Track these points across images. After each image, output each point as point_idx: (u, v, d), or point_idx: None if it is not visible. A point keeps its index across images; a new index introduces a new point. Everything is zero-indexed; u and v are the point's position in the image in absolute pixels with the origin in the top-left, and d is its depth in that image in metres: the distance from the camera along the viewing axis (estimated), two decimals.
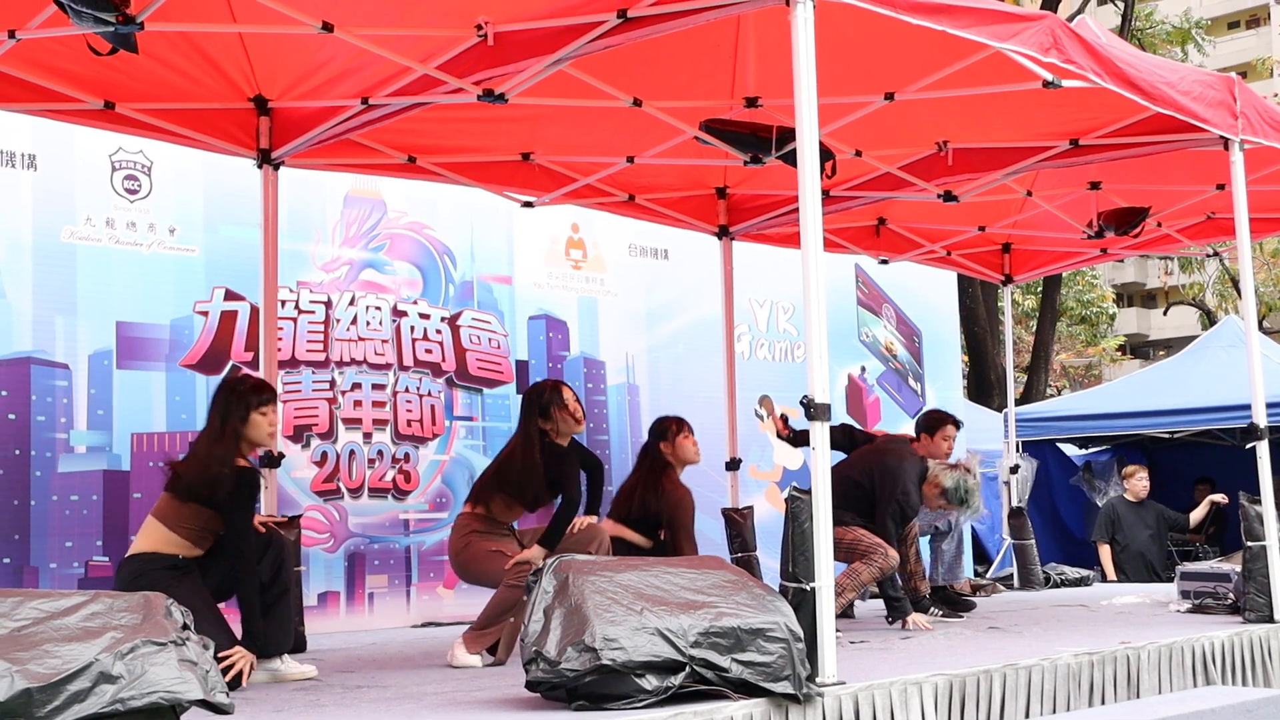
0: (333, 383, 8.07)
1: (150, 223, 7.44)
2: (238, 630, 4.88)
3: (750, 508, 8.14)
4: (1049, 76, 5.72)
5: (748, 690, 3.90)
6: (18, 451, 6.85)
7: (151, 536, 4.99)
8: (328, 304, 8.11)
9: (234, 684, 4.54)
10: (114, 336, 7.26)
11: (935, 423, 7.63)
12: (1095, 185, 8.45)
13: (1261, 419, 6.49)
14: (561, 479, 5.75)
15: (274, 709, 4.22)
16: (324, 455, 7.98)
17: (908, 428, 11.10)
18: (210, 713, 3.03)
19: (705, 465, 7.76)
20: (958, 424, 7.69)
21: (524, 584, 4.67)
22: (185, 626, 3.05)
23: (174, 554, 4.96)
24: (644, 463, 6.93)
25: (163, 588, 3.85)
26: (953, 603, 7.53)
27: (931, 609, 7.30)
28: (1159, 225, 9.06)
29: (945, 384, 11.65)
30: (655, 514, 6.76)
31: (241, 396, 5.16)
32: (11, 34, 5.37)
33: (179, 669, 2.91)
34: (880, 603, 8.71)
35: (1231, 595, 6.80)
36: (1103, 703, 5.03)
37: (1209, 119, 6.33)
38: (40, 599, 3.02)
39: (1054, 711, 4.83)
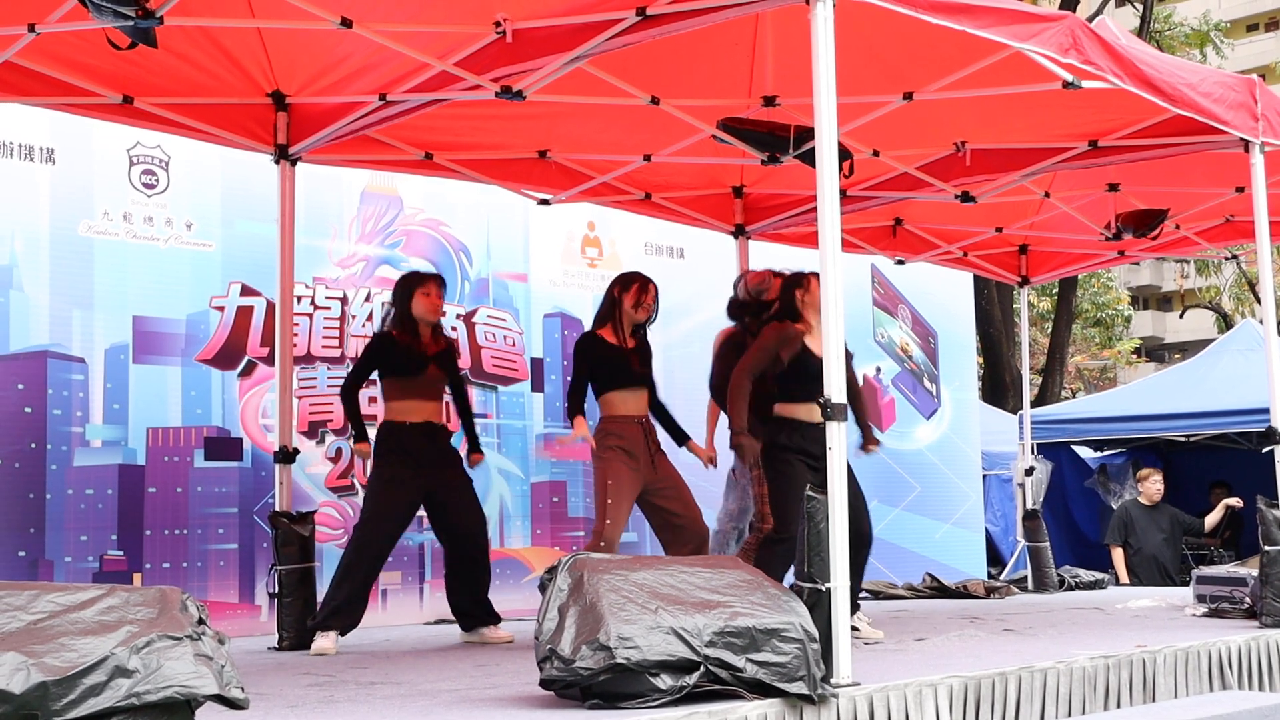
0: None
1: (167, 217, 7.45)
2: None
3: None
4: (1068, 77, 5.70)
5: (762, 690, 3.89)
6: (33, 445, 6.86)
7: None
8: (343, 300, 8.11)
9: None
10: (130, 331, 7.27)
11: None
12: (1114, 187, 8.42)
13: None
14: None
15: (288, 704, 4.22)
16: (338, 451, 7.98)
17: (923, 429, 11.12)
18: (225, 708, 3.03)
19: (721, 464, 7.74)
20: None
21: None
22: (201, 621, 3.05)
23: None
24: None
25: None
26: None
27: None
28: (1177, 227, 9.03)
29: (960, 385, 11.62)
30: None
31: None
32: (31, 28, 5.39)
33: (194, 663, 2.90)
34: (892, 603, 8.71)
35: (1248, 599, 6.77)
36: (1118, 706, 5.00)
37: (1229, 121, 6.30)
38: (56, 592, 3.02)
39: (1069, 715, 4.81)
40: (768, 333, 6.37)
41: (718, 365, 7.10)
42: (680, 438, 6.91)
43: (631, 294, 6.66)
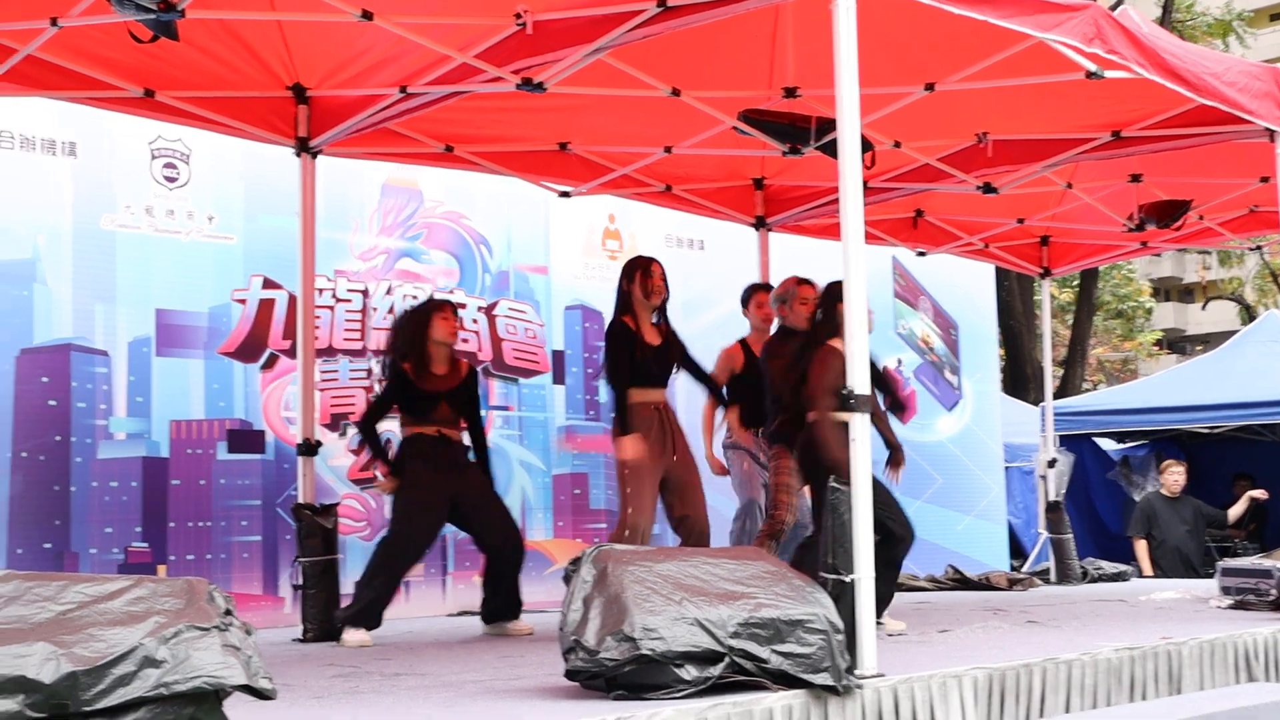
0: (370, 371, 8.08)
1: (189, 210, 7.47)
2: None
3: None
4: (1092, 67, 5.66)
5: (787, 681, 3.88)
6: (58, 438, 6.90)
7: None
8: (365, 293, 8.13)
9: None
10: (153, 324, 7.30)
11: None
12: (1136, 177, 8.37)
13: None
14: None
15: (313, 695, 4.23)
16: (361, 444, 7.98)
17: (945, 421, 11.09)
18: (253, 698, 3.04)
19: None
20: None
21: None
22: (228, 612, 3.05)
23: None
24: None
25: None
26: None
27: None
28: (1200, 218, 8.98)
29: (982, 377, 11.59)
30: None
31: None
32: (53, 21, 5.41)
33: (222, 654, 2.91)
34: (914, 595, 8.69)
35: (1274, 592, 6.73)
36: (1143, 698, 4.98)
37: (1254, 110, 6.26)
38: (85, 583, 3.03)
39: (1094, 706, 4.79)
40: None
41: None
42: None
43: (638, 283, 6.60)
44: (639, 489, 6.41)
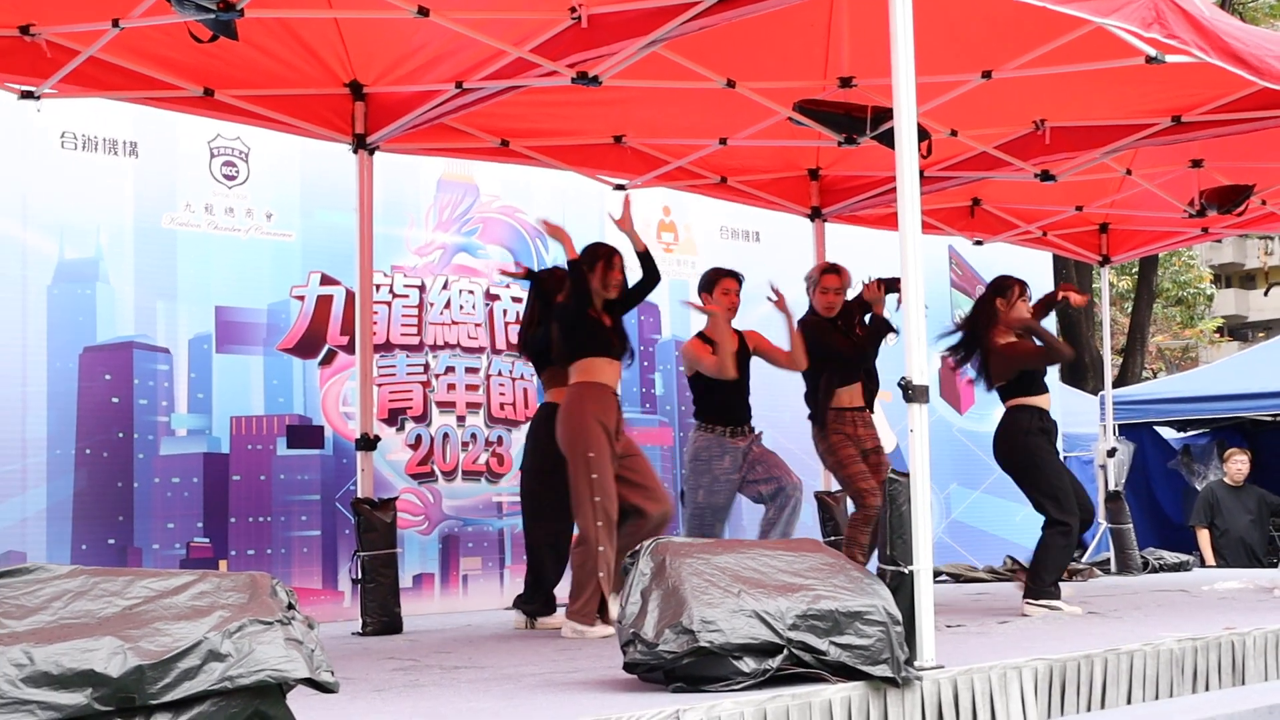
0: (427, 366, 8.14)
1: (248, 208, 7.55)
2: None
3: (842, 491, 8.07)
4: (1151, 52, 5.58)
5: (846, 673, 3.87)
6: (120, 434, 6.99)
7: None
8: (421, 288, 8.17)
9: None
10: (213, 321, 7.38)
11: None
12: (1197, 163, 8.28)
13: None
14: None
15: (374, 689, 4.27)
16: (418, 438, 8.05)
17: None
18: (315, 691, 3.07)
19: (798, 448, 7.72)
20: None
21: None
22: (290, 606, 3.08)
23: None
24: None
25: None
26: None
27: None
28: (1263, 203, 8.86)
29: None
30: None
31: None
32: (115, 23, 5.48)
33: (285, 647, 2.94)
34: (973, 586, 8.64)
35: None
36: (1206, 689, 4.93)
37: None
38: (150, 578, 3.07)
39: (1156, 698, 4.75)
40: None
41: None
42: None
43: (598, 274, 6.28)
44: (605, 475, 6.01)
